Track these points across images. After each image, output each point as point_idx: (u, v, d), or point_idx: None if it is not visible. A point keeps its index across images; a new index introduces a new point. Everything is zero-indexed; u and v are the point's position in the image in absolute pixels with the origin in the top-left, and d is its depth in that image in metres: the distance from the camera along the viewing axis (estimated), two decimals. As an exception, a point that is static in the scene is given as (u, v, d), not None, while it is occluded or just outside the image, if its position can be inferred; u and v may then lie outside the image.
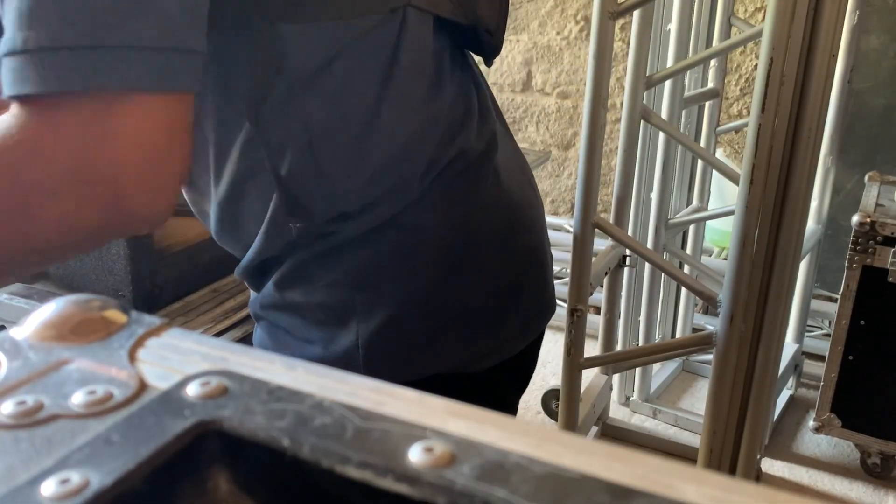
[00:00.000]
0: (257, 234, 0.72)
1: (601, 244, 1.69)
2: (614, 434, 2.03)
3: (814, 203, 1.99)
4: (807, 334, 2.22)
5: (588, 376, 1.74)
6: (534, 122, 2.83)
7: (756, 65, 1.93)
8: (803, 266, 1.99)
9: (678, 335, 2.25)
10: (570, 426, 1.59)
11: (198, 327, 1.05)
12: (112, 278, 1.05)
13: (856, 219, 1.68)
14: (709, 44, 1.96)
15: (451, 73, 0.75)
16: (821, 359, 1.94)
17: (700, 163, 2.09)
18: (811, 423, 1.87)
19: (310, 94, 0.65)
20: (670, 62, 1.83)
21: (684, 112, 1.94)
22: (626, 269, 1.89)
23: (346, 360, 0.72)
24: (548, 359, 2.35)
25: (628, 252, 1.75)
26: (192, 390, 0.30)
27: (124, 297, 1.05)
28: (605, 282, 1.78)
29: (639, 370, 2.11)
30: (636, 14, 1.53)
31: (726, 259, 1.63)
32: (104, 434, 0.28)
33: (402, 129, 0.69)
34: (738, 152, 2.49)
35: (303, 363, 0.33)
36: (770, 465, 1.92)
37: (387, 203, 0.70)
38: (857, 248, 1.69)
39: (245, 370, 0.32)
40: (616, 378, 2.11)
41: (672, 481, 0.26)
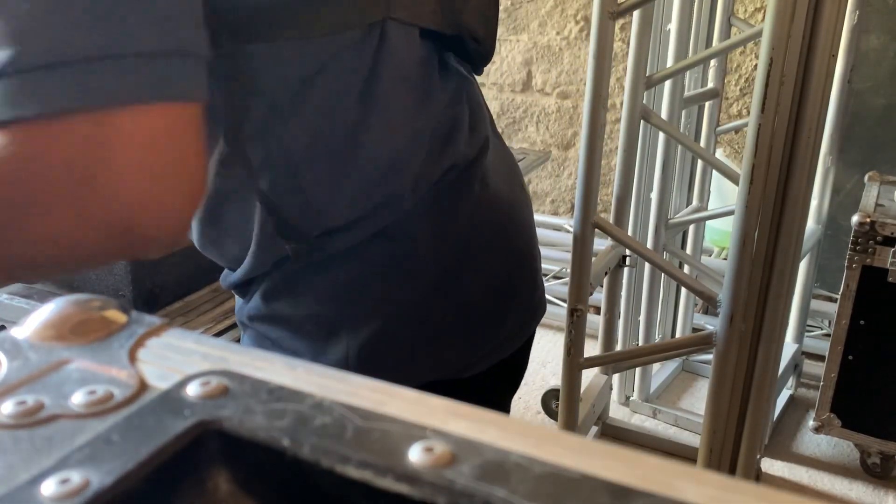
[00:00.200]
0: (239, 250, 0.70)
1: (601, 244, 1.69)
2: (614, 434, 2.03)
3: (814, 203, 1.99)
4: (807, 334, 2.22)
5: (588, 376, 1.74)
6: (534, 122, 2.83)
7: (756, 65, 1.93)
8: (803, 266, 1.99)
9: (678, 335, 2.25)
10: (570, 426, 1.59)
11: (198, 327, 1.05)
12: (112, 278, 1.05)
13: (856, 219, 1.68)
14: (709, 44, 1.96)
15: (439, 83, 0.72)
16: (821, 359, 1.94)
17: (700, 163, 2.09)
18: (811, 423, 1.87)
19: (289, 113, 0.63)
20: (670, 62, 1.83)
21: (684, 112, 1.94)
22: (626, 269, 1.89)
23: None
24: (548, 359, 2.35)
25: (628, 252, 1.75)
26: (192, 390, 0.30)
27: (124, 297, 1.05)
28: (605, 282, 1.78)
29: (639, 370, 2.11)
30: (636, 14, 1.53)
31: (726, 259, 1.63)
32: (104, 434, 0.28)
33: (386, 146, 0.67)
34: (738, 152, 2.48)
35: (303, 363, 0.33)
36: (770, 465, 1.92)
37: (374, 218, 0.69)
38: (857, 248, 1.69)
39: (245, 370, 0.32)
40: (616, 378, 2.11)
41: (672, 481, 0.26)
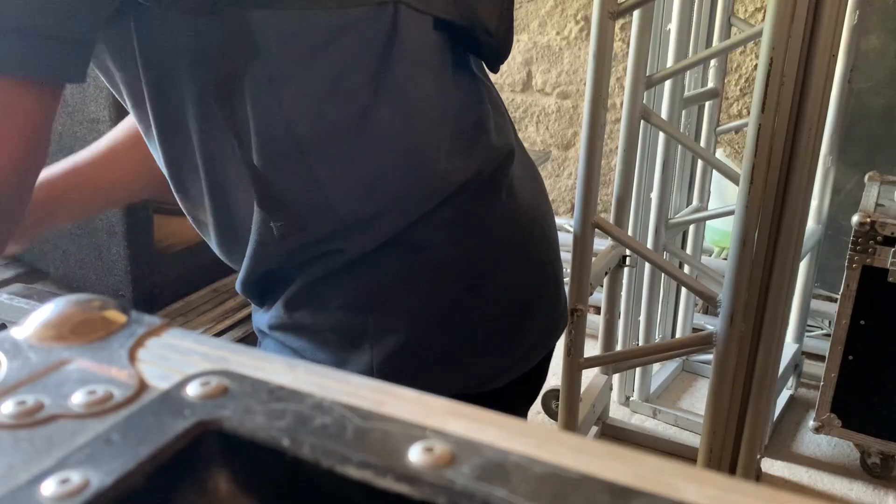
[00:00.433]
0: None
1: (601, 244, 1.69)
2: (614, 434, 2.03)
3: (814, 203, 1.99)
4: (807, 334, 2.22)
5: (588, 376, 1.74)
6: (534, 122, 2.83)
7: (756, 65, 1.93)
8: (803, 266, 1.99)
9: (678, 335, 2.25)
10: (570, 426, 1.59)
11: (198, 327, 1.05)
12: (112, 278, 1.05)
13: (856, 219, 1.68)
14: (709, 44, 1.96)
15: (454, 77, 0.72)
16: (821, 359, 1.94)
17: (700, 163, 2.09)
18: (811, 423, 1.86)
19: (292, 87, 0.62)
20: (670, 62, 1.83)
21: (684, 112, 1.94)
22: (626, 269, 1.89)
23: None
24: (548, 359, 2.35)
25: (628, 252, 1.75)
26: (192, 390, 0.30)
27: (124, 297, 1.05)
28: (605, 282, 1.78)
29: (639, 370, 2.11)
30: (636, 14, 1.53)
31: (726, 259, 1.63)
32: (104, 434, 0.28)
33: (398, 133, 0.67)
34: (738, 152, 2.48)
35: (303, 363, 0.33)
36: (770, 465, 1.92)
37: (393, 217, 0.68)
38: (857, 248, 1.69)
39: (245, 370, 0.32)
40: (616, 378, 2.11)
41: (672, 481, 0.26)
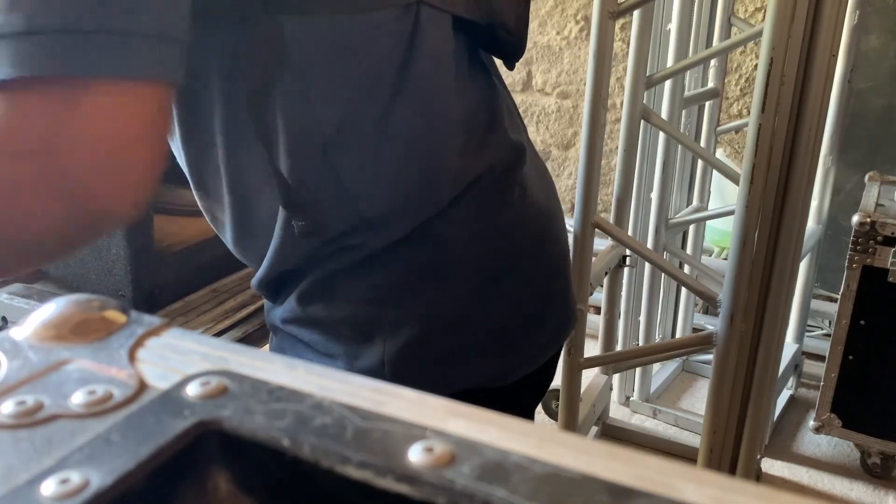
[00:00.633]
0: (267, 248, 0.69)
1: (601, 244, 1.69)
2: (614, 434, 2.03)
3: (814, 203, 1.99)
4: (807, 334, 2.22)
5: (588, 376, 1.74)
6: (534, 122, 2.83)
7: (756, 65, 1.93)
8: (803, 266, 1.99)
9: (678, 335, 2.25)
10: (570, 426, 1.59)
11: (198, 327, 1.05)
12: (112, 278, 1.05)
13: (856, 219, 1.68)
14: (709, 44, 1.96)
15: (470, 77, 0.73)
16: (821, 359, 1.94)
17: (700, 163, 2.09)
18: (811, 423, 1.86)
19: (322, 91, 0.63)
20: (670, 62, 1.83)
21: (684, 112, 1.94)
22: (626, 269, 1.89)
23: (371, 377, 0.70)
24: (548, 359, 2.35)
25: (628, 252, 1.75)
26: (192, 390, 0.30)
27: (124, 297, 1.05)
28: (605, 282, 1.78)
29: (639, 370, 2.11)
30: (636, 14, 1.53)
31: (726, 259, 1.63)
32: (104, 434, 0.28)
33: (419, 131, 0.67)
34: (738, 152, 2.48)
35: (303, 363, 0.33)
36: (770, 465, 1.92)
37: (410, 213, 0.68)
38: (858, 248, 1.69)
39: (245, 370, 0.32)
40: (616, 378, 2.11)
41: (672, 481, 0.26)
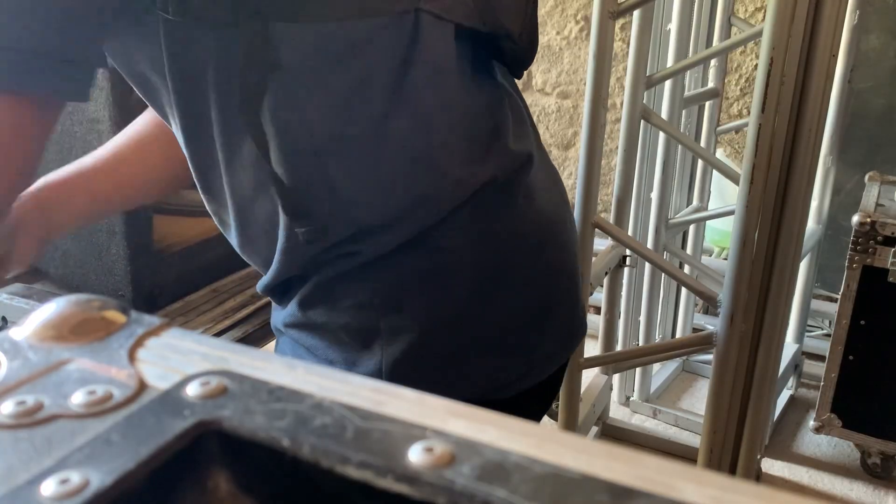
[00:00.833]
0: (275, 248, 0.70)
1: (601, 244, 1.69)
2: (614, 434, 2.03)
3: (814, 203, 1.99)
4: (807, 334, 2.22)
5: (588, 376, 1.74)
6: (534, 122, 2.83)
7: (756, 65, 1.93)
8: (803, 266, 1.99)
9: (678, 335, 2.25)
10: (570, 426, 1.59)
11: (198, 327, 1.05)
12: (112, 278, 1.05)
13: (856, 219, 1.68)
14: (709, 44, 1.96)
15: (475, 85, 0.72)
16: (821, 359, 1.94)
17: (700, 163, 2.09)
18: (811, 423, 1.86)
19: (314, 97, 0.63)
20: (670, 62, 1.83)
21: (684, 112, 1.94)
22: (626, 269, 1.89)
23: None
24: (548, 359, 2.35)
25: (628, 252, 1.75)
26: (192, 390, 0.30)
27: (124, 297, 1.05)
28: (605, 282, 1.78)
29: (639, 370, 2.11)
30: (636, 14, 1.53)
31: (726, 259, 1.63)
32: (104, 434, 0.28)
33: (418, 141, 0.67)
34: (738, 152, 2.48)
35: (303, 363, 0.33)
36: (770, 465, 1.92)
37: (410, 221, 0.68)
38: (858, 248, 1.69)
39: (245, 370, 0.32)
40: (616, 378, 2.11)
41: (672, 481, 0.26)
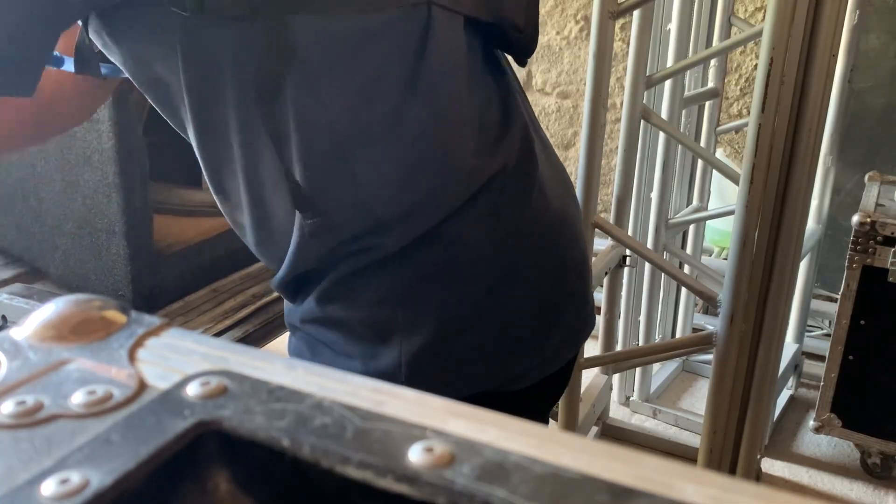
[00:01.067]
0: (290, 245, 0.70)
1: (601, 244, 1.69)
2: (614, 434, 2.03)
3: (814, 203, 1.99)
4: (807, 334, 2.22)
5: (588, 376, 1.74)
6: (534, 122, 2.83)
7: (756, 65, 1.93)
8: (803, 266, 1.99)
9: (678, 335, 2.25)
10: (570, 426, 1.59)
11: (198, 327, 1.05)
12: (112, 278, 1.05)
13: (856, 219, 1.68)
14: (709, 44, 1.96)
15: (484, 76, 0.73)
16: (821, 359, 1.94)
17: (700, 163, 2.09)
18: (811, 423, 1.86)
19: (330, 89, 0.64)
20: (670, 62, 1.83)
21: (684, 112, 1.94)
22: (626, 269, 1.89)
23: (388, 377, 0.69)
24: (548, 359, 2.35)
25: (628, 252, 1.75)
26: (192, 390, 0.30)
27: (124, 297, 1.05)
28: (605, 282, 1.78)
29: (639, 370, 2.11)
30: (636, 14, 1.53)
31: (726, 259, 1.63)
32: (104, 434, 0.28)
33: (433, 131, 0.68)
34: (738, 152, 2.48)
35: (303, 363, 0.33)
36: (770, 465, 1.92)
37: (425, 214, 0.69)
38: (858, 247, 1.69)
39: (245, 370, 0.32)
40: (616, 378, 2.11)
41: (672, 481, 0.26)
